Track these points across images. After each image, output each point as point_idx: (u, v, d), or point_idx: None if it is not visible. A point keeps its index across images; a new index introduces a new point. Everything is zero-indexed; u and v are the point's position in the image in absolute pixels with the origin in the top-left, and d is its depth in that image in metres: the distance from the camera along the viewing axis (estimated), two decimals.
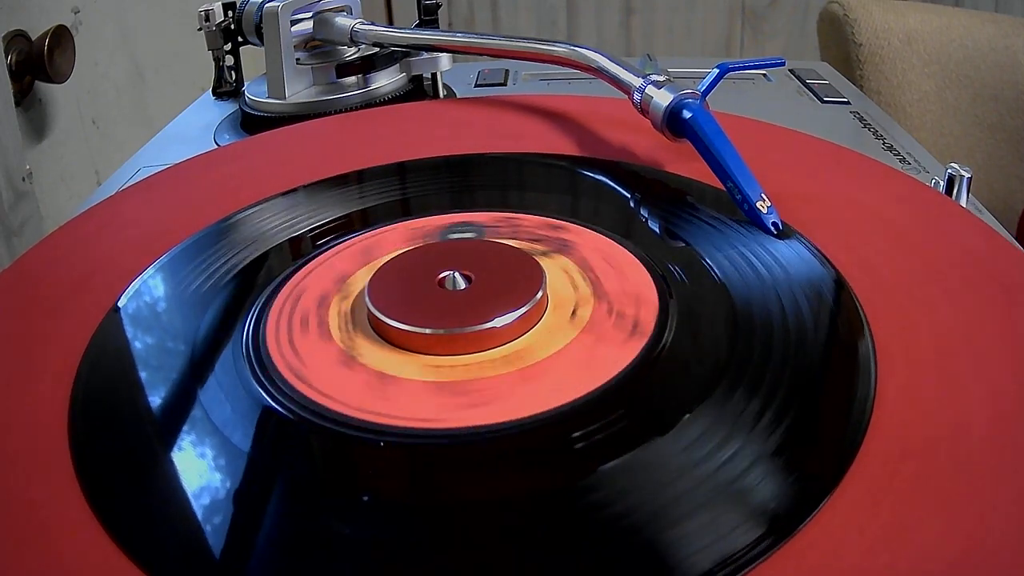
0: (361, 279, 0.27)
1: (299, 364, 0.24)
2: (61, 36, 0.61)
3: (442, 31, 0.47)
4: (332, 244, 0.29)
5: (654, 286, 0.26)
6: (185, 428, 0.22)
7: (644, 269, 0.27)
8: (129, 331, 0.26)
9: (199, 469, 0.21)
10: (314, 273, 0.28)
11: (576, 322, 0.24)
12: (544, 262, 0.26)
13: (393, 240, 0.29)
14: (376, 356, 0.24)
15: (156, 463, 0.21)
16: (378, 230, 0.30)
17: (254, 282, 0.28)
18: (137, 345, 0.25)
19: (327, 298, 0.26)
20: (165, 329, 0.26)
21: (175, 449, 0.21)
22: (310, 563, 0.18)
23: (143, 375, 0.24)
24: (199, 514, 0.19)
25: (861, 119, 0.46)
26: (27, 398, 0.23)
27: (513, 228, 0.29)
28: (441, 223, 0.30)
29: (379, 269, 0.26)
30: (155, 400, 0.23)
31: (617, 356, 0.23)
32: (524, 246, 0.28)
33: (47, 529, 0.19)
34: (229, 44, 0.52)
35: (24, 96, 0.62)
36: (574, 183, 0.34)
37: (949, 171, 0.32)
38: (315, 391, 0.22)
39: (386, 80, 0.46)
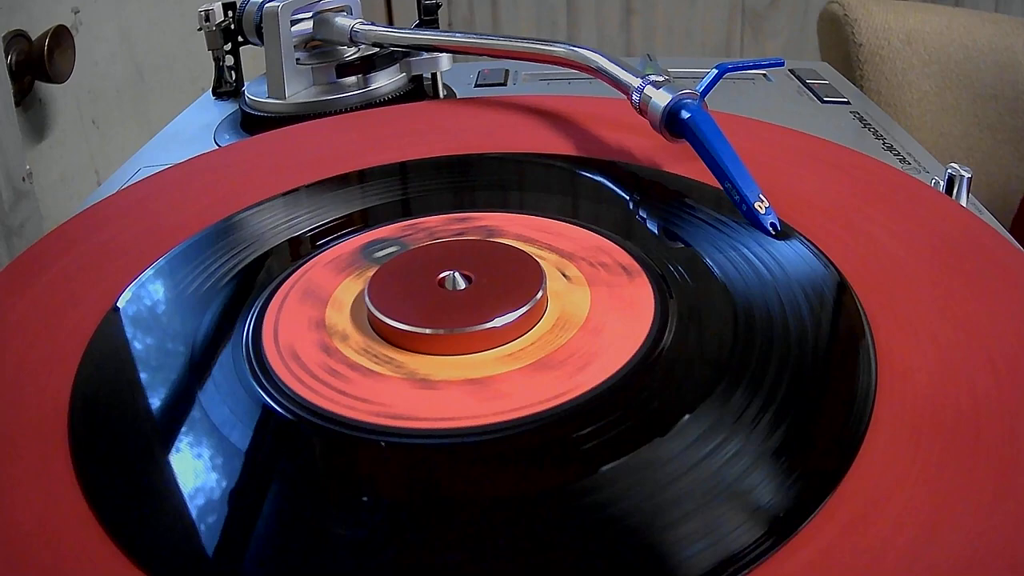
0: (361, 279, 0.27)
1: (299, 364, 0.24)
2: (61, 36, 0.61)
3: (442, 31, 0.47)
4: (332, 244, 0.29)
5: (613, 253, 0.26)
6: (184, 428, 0.22)
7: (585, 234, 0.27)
8: (129, 331, 0.26)
9: (198, 469, 0.21)
10: (314, 273, 0.28)
11: (575, 319, 0.24)
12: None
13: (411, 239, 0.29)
14: (377, 356, 0.24)
15: (155, 463, 0.21)
16: (383, 228, 0.30)
17: (254, 283, 0.28)
18: (137, 345, 0.25)
19: (327, 298, 0.26)
20: (165, 329, 0.26)
21: (174, 449, 0.21)
22: (309, 563, 0.18)
23: (143, 375, 0.24)
24: (198, 513, 0.19)
25: (861, 119, 0.46)
26: (27, 398, 0.23)
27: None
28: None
29: (379, 269, 0.26)
30: (154, 400, 0.23)
31: (617, 357, 0.23)
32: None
33: (47, 529, 0.19)
34: (229, 44, 0.52)
35: (24, 96, 0.62)
36: (573, 183, 0.34)
37: (949, 171, 0.32)
38: (315, 391, 0.22)
39: (386, 80, 0.46)
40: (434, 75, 0.47)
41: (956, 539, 0.17)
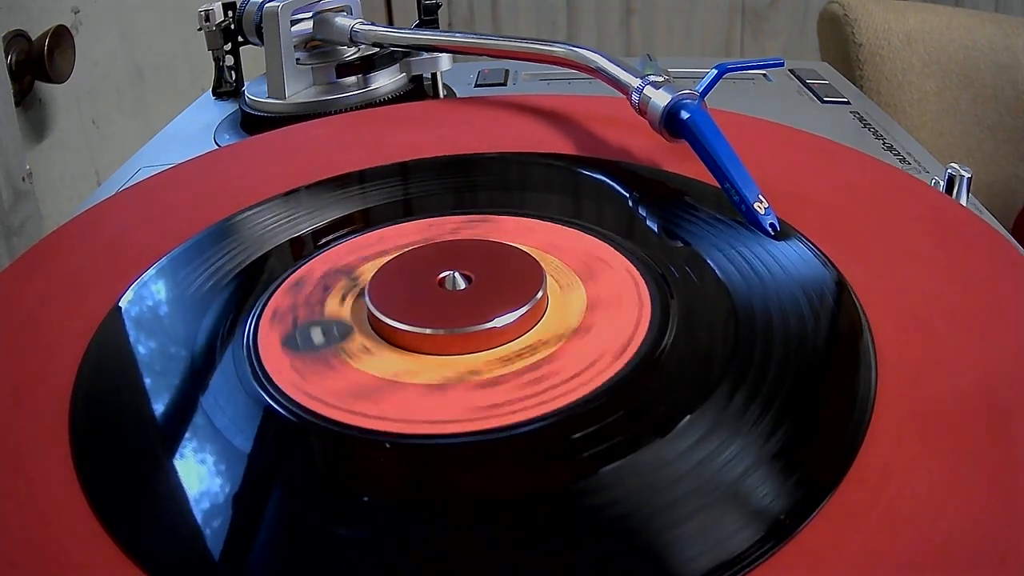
0: (362, 279, 0.27)
1: (300, 364, 0.24)
2: (61, 36, 0.61)
3: (442, 31, 0.47)
4: (333, 244, 0.29)
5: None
6: (185, 430, 0.22)
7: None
8: (129, 333, 0.26)
9: (200, 471, 0.21)
10: (315, 273, 0.28)
11: (575, 322, 0.24)
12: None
13: (391, 238, 0.29)
14: (377, 357, 0.24)
15: (157, 464, 0.21)
16: (380, 229, 0.30)
17: (255, 283, 0.28)
18: (137, 347, 0.25)
19: (327, 298, 0.26)
20: (166, 331, 0.26)
21: (175, 450, 0.21)
22: (312, 564, 0.18)
23: (143, 377, 0.24)
24: (200, 515, 0.19)
25: (861, 119, 0.46)
26: (28, 399, 0.23)
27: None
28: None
29: (379, 269, 0.26)
30: (155, 402, 0.23)
31: (617, 357, 0.23)
32: None
33: (48, 530, 0.19)
34: (229, 44, 0.52)
35: (24, 96, 0.62)
36: (573, 183, 0.34)
37: (949, 171, 0.32)
38: (315, 391, 0.22)
39: (386, 80, 0.46)
40: (434, 75, 0.47)
41: (957, 540, 0.17)
